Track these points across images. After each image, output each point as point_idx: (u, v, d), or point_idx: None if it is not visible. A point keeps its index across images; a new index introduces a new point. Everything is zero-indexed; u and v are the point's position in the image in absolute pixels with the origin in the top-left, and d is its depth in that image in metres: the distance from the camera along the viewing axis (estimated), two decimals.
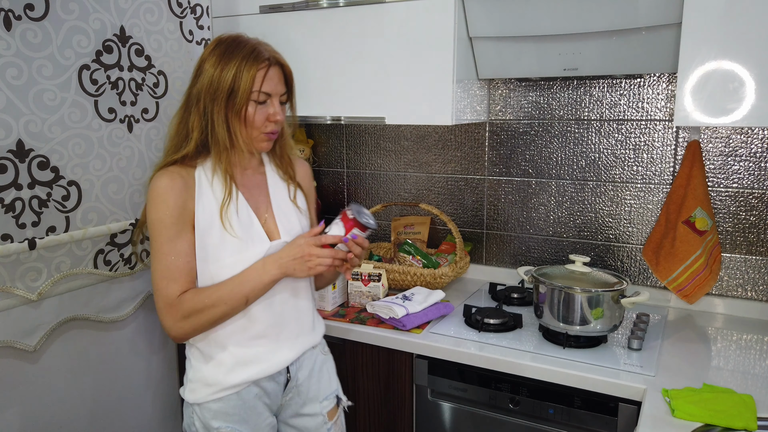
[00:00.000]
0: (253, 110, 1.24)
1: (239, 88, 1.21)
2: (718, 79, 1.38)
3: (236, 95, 1.21)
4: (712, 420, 1.15)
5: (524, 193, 1.99)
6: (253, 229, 1.28)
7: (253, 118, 1.24)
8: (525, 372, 1.43)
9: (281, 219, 1.33)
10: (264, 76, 1.22)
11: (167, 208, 1.21)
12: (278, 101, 1.27)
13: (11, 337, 1.47)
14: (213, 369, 1.28)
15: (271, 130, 1.27)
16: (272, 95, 1.25)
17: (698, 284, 1.68)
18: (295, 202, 1.38)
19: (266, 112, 1.25)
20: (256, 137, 1.27)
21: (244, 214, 1.28)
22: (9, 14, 1.36)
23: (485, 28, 1.67)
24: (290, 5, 1.83)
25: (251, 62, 1.22)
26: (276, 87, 1.25)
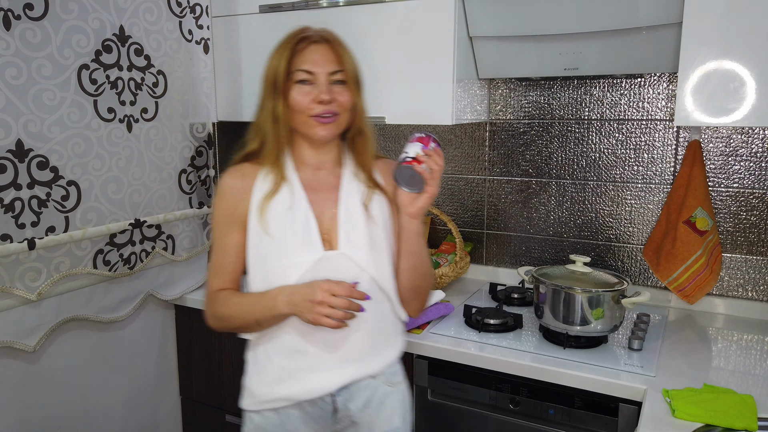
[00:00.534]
0: (296, 92, 1.15)
1: (279, 73, 1.14)
2: (718, 78, 1.37)
3: (279, 80, 1.15)
4: (713, 420, 1.15)
5: (524, 193, 1.98)
6: (308, 234, 1.18)
7: (295, 101, 1.15)
8: (525, 372, 1.42)
9: (346, 227, 1.19)
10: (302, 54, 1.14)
11: (221, 205, 1.22)
12: (325, 79, 1.15)
13: (11, 338, 1.47)
14: (256, 378, 1.25)
15: (319, 113, 1.15)
16: (316, 73, 1.15)
17: (699, 284, 1.67)
18: (369, 208, 1.22)
19: (312, 93, 1.15)
20: (305, 122, 1.17)
21: (302, 216, 1.18)
22: (8, 14, 1.36)
23: (485, 28, 1.66)
24: (290, 5, 1.83)
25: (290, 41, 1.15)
26: (320, 64, 1.14)
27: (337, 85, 1.17)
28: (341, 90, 1.17)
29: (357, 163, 1.26)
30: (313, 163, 1.24)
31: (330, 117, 1.16)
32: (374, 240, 1.21)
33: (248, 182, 1.22)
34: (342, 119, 1.19)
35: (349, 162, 1.27)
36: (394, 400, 1.28)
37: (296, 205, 1.19)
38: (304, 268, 1.17)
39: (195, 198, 1.90)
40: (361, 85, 1.22)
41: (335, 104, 1.16)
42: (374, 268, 1.21)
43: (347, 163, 1.27)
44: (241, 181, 1.22)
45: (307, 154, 1.24)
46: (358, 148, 1.26)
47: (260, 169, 1.22)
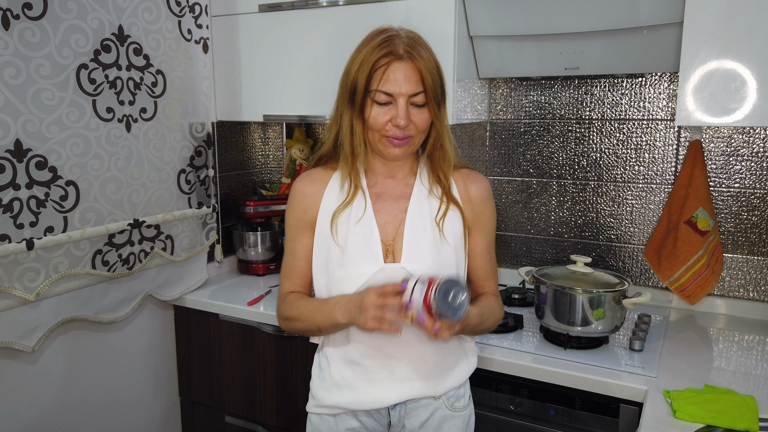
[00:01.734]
0: (374, 111, 1.10)
1: (358, 85, 1.10)
2: (719, 78, 1.37)
3: (357, 93, 1.10)
4: (714, 421, 1.14)
5: (525, 193, 1.98)
6: (370, 244, 1.15)
7: (373, 121, 1.11)
8: (526, 373, 1.42)
9: (411, 240, 1.15)
10: (384, 73, 1.08)
11: (292, 210, 1.22)
12: (405, 102, 1.09)
13: (10, 338, 1.46)
14: (318, 381, 1.24)
15: (393, 135, 1.11)
16: (395, 95, 1.09)
17: (700, 285, 1.67)
18: (440, 224, 1.17)
19: (389, 114, 1.10)
20: (379, 141, 1.13)
21: (367, 225, 1.16)
22: (7, 13, 1.35)
23: (486, 27, 1.66)
24: (290, 4, 1.83)
25: (373, 55, 1.08)
26: (400, 86, 1.08)
27: (416, 107, 1.12)
28: (419, 111, 1.12)
29: (434, 176, 1.21)
30: (384, 172, 1.22)
31: (404, 139, 1.12)
32: (441, 256, 1.16)
33: (319, 188, 1.20)
34: (417, 140, 1.16)
35: (423, 172, 1.22)
36: (454, 426, 1.23)
37: (363, 214, 1.17)
38: (364, 279, 1.14)
39: (194, 198, 1.89)
40: (443, 96, 1.16)
41: (411, 127, 1.12)
42: None
43: (421, 173, 1.22)
44: (312, 186, 1.21)
45: (378, 164, 1.21)
46: (436, 163, 1.21)
47: (332, 174, 1.21)
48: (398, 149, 1.13)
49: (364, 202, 1.17)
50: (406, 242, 1.15)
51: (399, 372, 1.17)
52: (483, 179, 1.26)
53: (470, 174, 1.25)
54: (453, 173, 1.23)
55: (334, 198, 1.19)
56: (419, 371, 1.18)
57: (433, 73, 1.12)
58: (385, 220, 1.18)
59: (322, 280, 1.20)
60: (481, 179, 1.25)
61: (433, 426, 1.22)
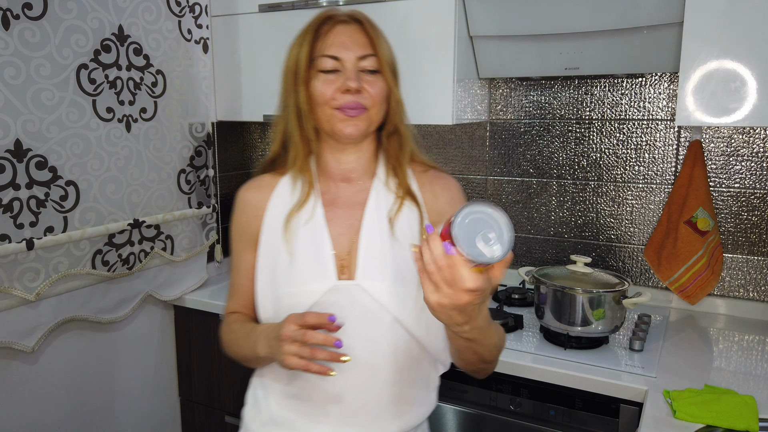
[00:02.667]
0: (320, 82, 0.98)
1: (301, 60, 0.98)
2: (719, 78, 1.37)
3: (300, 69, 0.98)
4: (714, 421, 1.14)
5: (525, 193, 1.98)
6: (321, 258, 0.99)
7: (318, 91, 0.97)
8: (526, 373, 1.42)
9: (366, 252, 0.99)
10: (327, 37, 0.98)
11: (235, 223, 1.10)
12: (353, 66, 0.97)
13: (9, 338, 1.46)
14: (252, 412, 1.10)
15: (343, 103, 0.97)
16: (343, 59, 0.97)
17: (700, 285, 1.67)
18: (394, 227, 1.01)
19: (338, 82, 0.97)
20: (329, 117, 0.98)
21: (317, 235, 1.00)
22: (7, 13, 1.35)
23: (486, 27, 1.66)
24: (290, 4, 1.83)
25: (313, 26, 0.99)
26: (348, 47, 0.97)
27: (368, 74, 0.99)
28: (373, 79, 0.99)
29: (388, 168, 1.06)
30: (338, 173, 1.06)
31: (358, 109, 0.98)
32: (400, 270, 0.99)
33: (264, 195, 1.07)
34: (373, 114, 1.00)
35: (382, 173, 1.06)
36: None
37: (313, 222, 1.02)
38: (314, 298, 0.98)
39: (194, 198, 1.89)
40: (397, 75, 1.05)
41: (365, 95, 0.98)
42: (397, 305, 0.99)
43: (380, 173, 1.06)
44: (256, 194, 1.08)
45: (331, 161, 1.06)
46: (392, 151, 1.05)
47: (280, 179, 1.07)
48: (352, 125, 0.98)
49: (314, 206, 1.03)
50: (362, 256, 0.99)
51: (349, 409, 1.00)
52: (452, 180, 1.10)
53: (438, 174, 1.10)
54: (419, 175, 1.08)
55: (282, 203, 1.04)
56: (373, 409, 1.00)
57: (386, 43, 1.02)
58: (339, 231, 1.02)
59: (267, 300, 1.03)
60: (450, 180, 1.10)
61: None
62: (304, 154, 1.03)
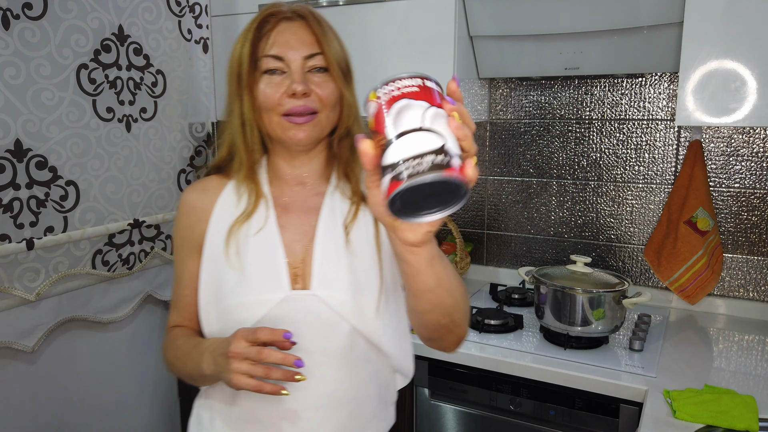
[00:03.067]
0: (264, 84, 0.91)
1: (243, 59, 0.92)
2: (719, 78, 1.37)
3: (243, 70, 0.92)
4: (714, 421, 1.14)
5: (525, 193, 1.98)
6: (273, 266, 0.93)
7: (263, 95, 0.91)
8: (526, 373, 1.42)
9: (322, 260, 0.92)
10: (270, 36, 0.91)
11: (177, 227, 1.02)
12: (300, 66, 0.90)
13: (9, 338, 1.46)
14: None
15: (292, 108, 0.90)
16: (287, 60, 0.90)
17: (700, 285, 1.67)
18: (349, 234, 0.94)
19: (283, 85, 0.90)
20: (277, 123, 0.92)
21: (269, 243, 0.94)
22: (7, 13, 1.35)
23: (486, 27, 1.66)
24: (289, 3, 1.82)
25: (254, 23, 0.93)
26: (292, 46, 0.90)
27: (317, 74, 0.92)
28: (322, 80, 0.92)
29: (342, 173, 0.99)
30: (290, 177, 0.99)
31: (307, 116, 0.91)
32: (357, 277, 0.92)
33: (210, 198, 0.99)
34: (323, 118, 0.93)
35: (334, 176, 1.00)
36: None
37: (265, 229, 0.95)
38: (265, 309, 0.91)
39: None
40: (349, 74, 0.98)
41: (313, 98, 0.91)
42: (356, 315, 0.92)
43: (333, 179, 1.00)
44: (201, 196, 1.00)
45: (283, 166, 0.99)
46: (343, 155, 0.99)
47: (227, 183, 1.00)
48: (301, 130, 0.91)
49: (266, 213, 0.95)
50: (317, 264, 0.92)
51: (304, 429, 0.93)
52: None
53: None
54: None
55: (228, 210, 0.97)
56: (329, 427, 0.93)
57: (335, 39, 0.95)
58: (293, 238, 0.95)
59: (213, 312, 0.95)
60: None
61: None
62: (249, 165, 0.97)
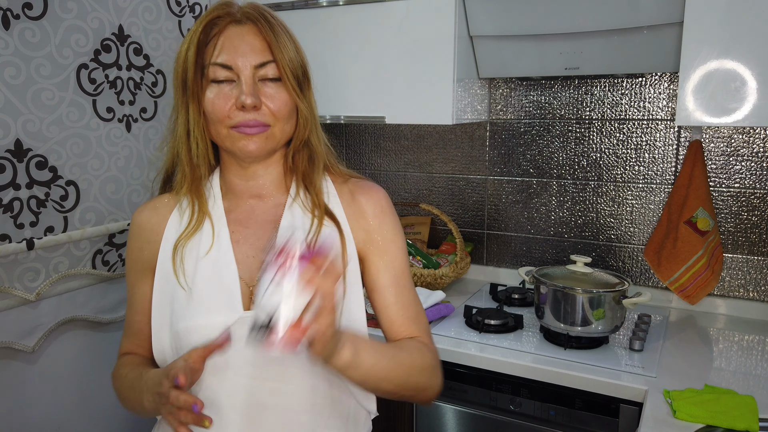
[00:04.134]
0: (212, 93, 0.85)
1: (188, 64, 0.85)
2: (719, 78, 1.37)
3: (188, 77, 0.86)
4: (714, 421, 1.14)
5: (525, 193, 1.98)
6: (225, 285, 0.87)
7: (211, 106, 0.85)
8: (526, 373, 1.42)
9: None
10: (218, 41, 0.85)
11: (128, 250, 0.97)
12: (250, 75, 0.85)
13: (9, 338, 1.46)
14: None
15: (239, 122, 0.85)
16: (236, 68, 0.85)
17: (700, 285, 1.67)
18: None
19: (232, 96, 0.85)
20: (227, 136, 0.86)
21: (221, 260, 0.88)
22: (7, 13, 1.35)
23: (486, 27, 1.66)
24: (289, 4, 1.83)
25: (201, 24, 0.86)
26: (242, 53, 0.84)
27: (269, 83, 0.87)
28: (274, 90, 0.87)
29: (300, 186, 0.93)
30: (243, 190, 0.94)
31: (257, 127, 0.86)
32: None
33: (161, 218, 0.94)
34: (277, 131, 0.88)
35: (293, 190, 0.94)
36: None
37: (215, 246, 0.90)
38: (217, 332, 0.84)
39: None
40: (306, 81, 0.92)
41: (264, 111, 0.86)
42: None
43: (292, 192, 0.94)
44: (151, 216, 0.95)
45: (236, 178, 0.94)
46: (301, 167, 0.94)
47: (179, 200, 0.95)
48: (252, 142, 0.86)
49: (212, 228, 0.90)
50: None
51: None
52: (377, 188, 0.98)
53: (359, 183, 0.97)
54: (338, 186, 0.97)
55: (177, 227, 0.92)
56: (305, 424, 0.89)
57: (289, 43, 0.89)
58: (248, 254, 0.90)
59: (166, 337, 0.90)
60: (375, 188, 0.97)
61: None
62: (192, 179, 0.91)
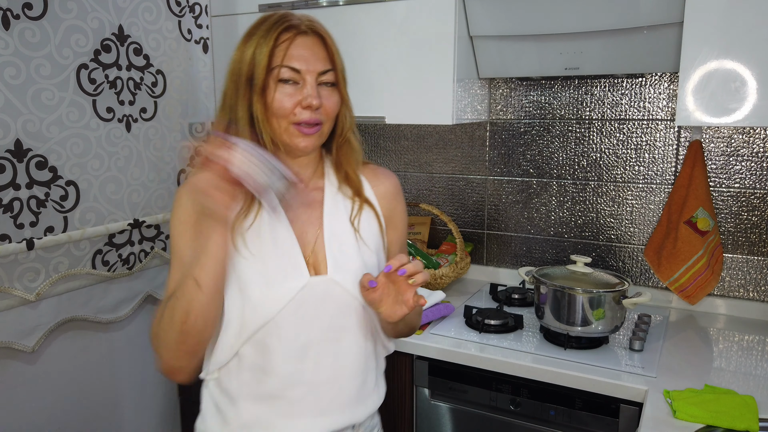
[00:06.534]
0: (279, 93, 0.96)
1: (258, 66, 0.95)
2: (719, 78, 1.37)
3: (256, 76, 0.96)
4: (714, 421, 1.14)
5: (525, 193, 1.98)
6: (292, 257, 1.01)
7: (278, 103, 0.96)
8: (526, 373, 1.42)
9: (332, 249, 1.03)
10: (288, 47, 0.96)
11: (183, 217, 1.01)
12: (314, 80, 0.97)
13: (10, 338, 1.46)
14: (217, 425, 1.06)
15: (305, 119, 0.97)
16: (303, 72, 0.96)
17: (700, 285, 1.67)
18: (356, 225, 1.06)
19: (296, 96, 0.96)
20: (285, 130, 0.98)
21: (284, 238, 1.01)
22: (7, 13, 1.35)
23: (486, 27, 1.66)
24: (289, 4, 1.83)
25: (272, 31, 0.96)
26: (308, 61, 0.96)
27: (326, 87, 1.00)
28: (329, 93, 1.00)
29: (341, 175, 1.09)
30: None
31: (315, 127, 0.99)
32: (366, 263, 1.05)
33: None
34: (326, 129, 1.02)
35: (330, 173, 1.09)
36: None
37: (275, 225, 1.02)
38: (289, 296, 0.99)
39: None
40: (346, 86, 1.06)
41: (321, 110, 0.99)
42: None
43: (329, 175, 1.09)
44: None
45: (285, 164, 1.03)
46: (342, 160, 1.08)
47: None
48: (307, 140, 0.99)
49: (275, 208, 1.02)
50: (329, 252, 1.03)
51: (322, 402, 1.04)
52: (392, 174, 1.16)
53: (378, 170, 1.14)
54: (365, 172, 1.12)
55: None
56: (344, 396, 1.06)
57: (339, 53, 1.02)
58: (302, 230, 1.04)
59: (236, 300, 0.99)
60: (390, 174, 1.15)
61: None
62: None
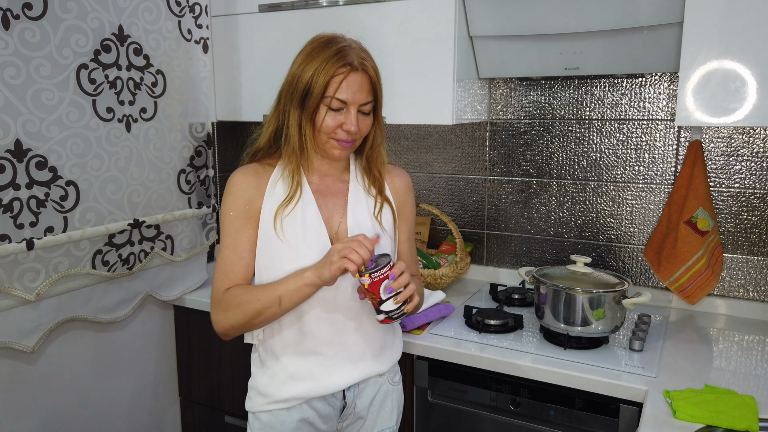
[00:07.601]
0: (327, 117, 1.18)
1: (313, 90, 1.16)
2: (719, 78, 1.37)
3: (310, 97, 1.16)
4: (714, 421, 1.14)
5: (525, 193, 1.98)
6: (319, 239, 1.22)
7: (325, 125, 1.18)
8: (526, 373, 1.42)
9: (354, 231, 1.25)
10: (341, 82, 1.15)
11: (235, 201, 1.22)
12: (355, 110, 1.18)
13: (9, 338, 1.46)
14: (267, 379, 1.26)
15: (342, 138, 1.19)
16: (348, 103, 1.17)
17: (700, 285, 1.67)
18: (380, 219, 1.28)
19: (339, 120, 1.18)
20: (325, 142, 1.21)
21: (314, 221, 1.23)
22: (7, 13, 1.35)
23: (486, 27, 1.66)
24: (289, 4, 1.83)
25: (331, 64, 1.15)
26: (354, 95, 1.17)
27: (363, 115, 1.21)
28: (365, 118, 1.21)
29: (369, 176, 1.31)
30: (322, 170, 1.28)
31: (350, 142, 1.21)
32: (381, 245, 1.26)
33: (262, 180, 1.24)
34: (357, 143, 1.24)
35: (357, 170, 1.32)
36: (395, 399, 1.37)
37: (307, 210, 1.23)
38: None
39: (194, 198, 1.89)
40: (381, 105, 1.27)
41: (356, 132, 1.20)
42: None
43: (355, 171, 1.31)
44: (255, 178, 1.24)
45: (317, 163, 1.27)
46: (371, 164, 1.30)
47: (271, 171, 1.25)
48: (343, 151, 1.22)
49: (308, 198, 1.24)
50: (351, 234, 1.24)
51: (354, 354, 1.26)
52: (404, 173, 1.38)
53: (394, 169, 1.36)
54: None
55: (274, 194, 1.23)
56: (370, 350, 1.28)
57: (380, 84, 1.23)
58: (328, 215, 1.26)
59: (267, 277, 1.22)
60: (403, 173, 1.38)
61: (378, 402, 1.33)
62: (299, 158, 1.22)
